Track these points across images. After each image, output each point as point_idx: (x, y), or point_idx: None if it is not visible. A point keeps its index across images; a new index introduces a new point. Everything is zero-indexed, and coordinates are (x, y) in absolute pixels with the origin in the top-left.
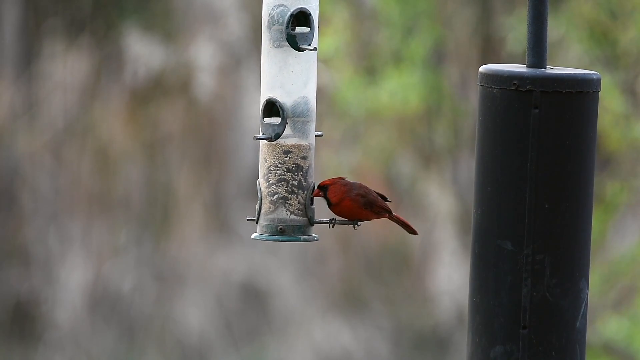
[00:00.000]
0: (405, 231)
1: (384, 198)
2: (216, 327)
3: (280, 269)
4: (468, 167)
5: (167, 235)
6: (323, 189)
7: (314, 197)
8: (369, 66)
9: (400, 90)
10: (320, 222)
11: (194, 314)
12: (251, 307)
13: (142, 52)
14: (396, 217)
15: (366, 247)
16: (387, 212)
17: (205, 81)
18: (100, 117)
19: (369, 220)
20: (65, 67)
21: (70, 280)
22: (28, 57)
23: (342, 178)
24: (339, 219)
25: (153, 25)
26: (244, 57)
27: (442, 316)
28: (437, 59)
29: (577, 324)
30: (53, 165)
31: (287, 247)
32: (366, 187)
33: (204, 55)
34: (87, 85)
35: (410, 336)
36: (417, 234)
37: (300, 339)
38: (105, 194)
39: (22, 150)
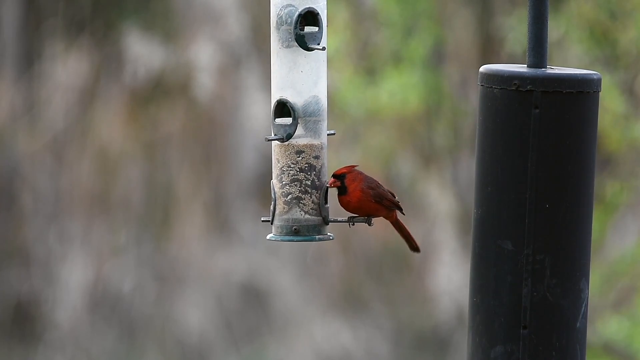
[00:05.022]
0: (407, 245)
1: (393, 196)
2: (216, 327)
3: (280, 269)
4: (468, 167)
5: (167, 235)
6: (340, 177)
7: (328, 196)
8: (369, 66)
9: (400, 90)
10: (335, 221)
11: (194, 314)
12: (251, 307)
13: (142, 52)
14: (403, 225)
15: (366, 247)
16: (397, 208)
17: (205, 81)
18: (100, 117)
19: (379, 215)
20: (65, 68)
21: (70, 280)
22: (28, 58)
23: (355, 166)
24: (353, 216)
25: (153, 26)
26: (244, 57)
27: (442, 316)
28: (437, 59)
29: (578, 324)
30: (53, 166)
31: (287, 247)
32: (377, 182)
33: (204, 56)
34: (87, 85)
35: (410, 336)
36: (419, 251)
37: (300, 339)
38: (105, 194)
39: (22, 150)
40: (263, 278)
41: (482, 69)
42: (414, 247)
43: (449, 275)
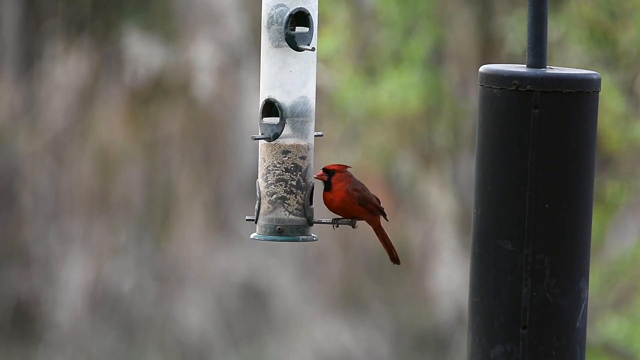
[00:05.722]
0: (388, 256)
1: (378, 201)
2: (216, 327)
3: (280, 269)
4: (468, 167)
5: (167, 235)
6: (329, 172)
7: (313, 197)
8: (369, 66)
9: (400, 90)
10: (320, 222)
11: (194, 314)
12: (251, 307)
13: (142, 52)
14: (385, 234)
15: (366, 247)
16: (381, 213)
17: (205, 81)
18: (100, 117)
19: (362, 219)
20: (66, 68)
21: (70, 280)
22: (28, 58)
23: (347, 167)
24: (337, 218)
25: (153, 26)
26: (243, 57)
27: (442, 316)
28: (437, 59)
29: (577, 324)
30: (53, 166)
31: (287, 247)
32: (364, 185)
33: (203, 56)
34: (87, 85)
35: (410, 336)
36: (399, 263)
37: (300, 339)
38: (105, 194)
39: (22, 150)
40: (263, 278)
41: (482, 69)
42: (395, 259)
43: (449, 275)
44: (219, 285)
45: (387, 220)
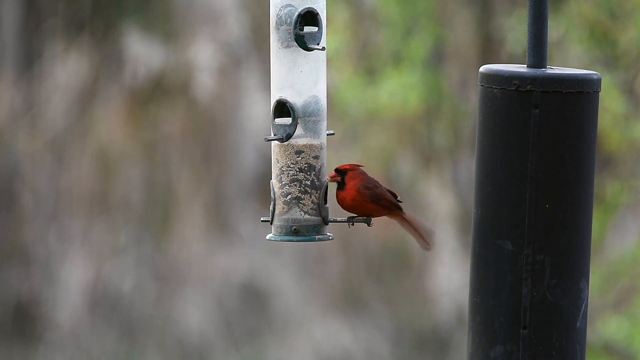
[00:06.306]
0: (418, 243)
1: (395, 196)
2: (216, 327)
3: (280, 269)
4: (468, 167)
5: (167, 235)
6: (342, 173)
7: (327, 196)
8: (369, 66)
9: (400, 90)
10: (335, 221)
11: (194, 314)
12: (251, 307)
13: (142, 52)
14: (413, 223)
15: (366, 247)
16: (397, 209)
17: (205, 81)
18: (100, 117)
19: (377, 216)
20: (65, 68)
21: (70, 280)
22: (28, 58)
23: (359, 166)
24: (352, 216)
25: (153, 26)
26: (244, 57)
27: (442, 316)
28: (437, 59)
29: (578, 324)
30: (53, 166)
31: (287, 247)
32: (378, 182)
33: (204, 56)
34: (87, 85)
35: (410, 336)
36: (429, 250)
37: (300, 339)
38: (105, 194)
39: (22, 150)
40: (263, 278)
41: (482, 69)
42: (425, 245)
43: (449, 275)
44: (219, 285)
45: (405, 218)
